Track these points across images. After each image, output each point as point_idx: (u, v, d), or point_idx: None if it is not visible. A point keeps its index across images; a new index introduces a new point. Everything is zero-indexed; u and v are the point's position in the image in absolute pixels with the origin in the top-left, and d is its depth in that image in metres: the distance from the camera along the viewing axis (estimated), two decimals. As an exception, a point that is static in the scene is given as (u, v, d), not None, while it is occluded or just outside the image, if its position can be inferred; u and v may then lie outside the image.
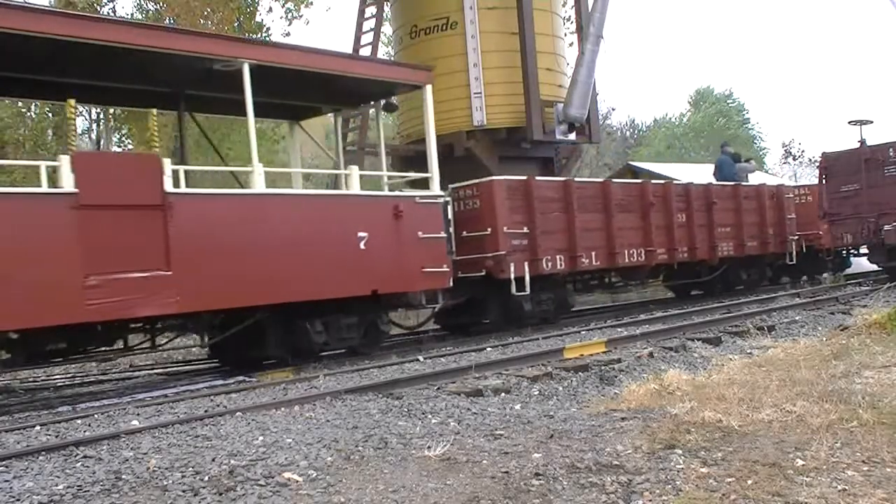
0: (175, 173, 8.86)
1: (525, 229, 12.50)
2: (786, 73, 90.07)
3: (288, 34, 21.37)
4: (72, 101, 8.54)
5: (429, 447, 4.85)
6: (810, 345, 8.62)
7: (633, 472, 4.21)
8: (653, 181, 15.89)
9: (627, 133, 52.50)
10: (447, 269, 11.04)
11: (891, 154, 17.09)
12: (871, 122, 19.23)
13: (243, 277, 8.95)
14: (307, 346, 9.89)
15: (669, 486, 3.95)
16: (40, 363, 8.82)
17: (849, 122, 19.30)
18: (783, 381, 6.28)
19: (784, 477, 4.00)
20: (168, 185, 8.53)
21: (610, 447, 4.69)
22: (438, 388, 7.03)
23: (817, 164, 19.51)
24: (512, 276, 11.97)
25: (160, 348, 9.78)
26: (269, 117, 13.40)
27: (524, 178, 12.99)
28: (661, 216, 15.06)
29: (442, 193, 11.43)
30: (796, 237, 18.14)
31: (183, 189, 9.03)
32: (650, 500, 3.80)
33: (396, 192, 11.42)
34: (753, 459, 4.29)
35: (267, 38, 18.18)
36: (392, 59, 19.15)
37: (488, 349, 9.75)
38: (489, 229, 12.15)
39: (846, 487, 3.81)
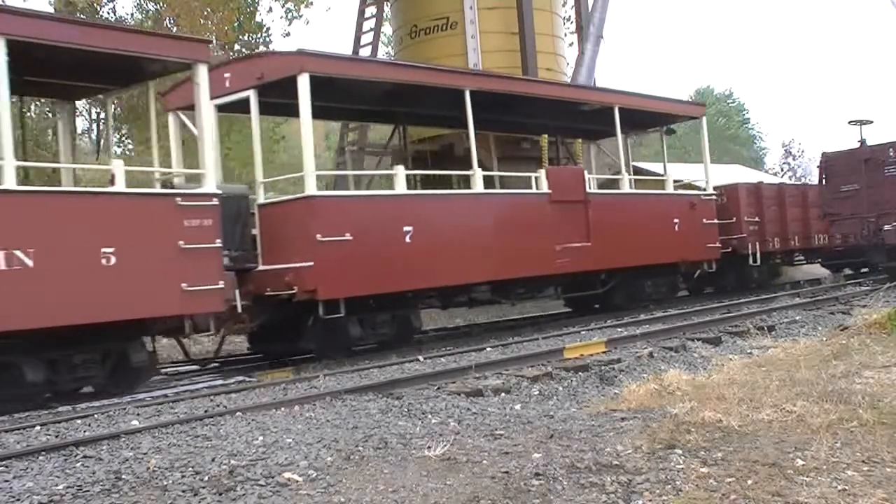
0: (589, 180, 13.43)
1: (756, 218, 17.79)
2: (786, 73, 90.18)
3: (288, 34, 21.36)
4: (545, 136, 13.69)
5: (429, 447, 4.84)
6: (810, 345, 8.61)
7: (633, 472, 4.20)
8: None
9: (627, 133, 52.23)
10: (718, 246, 15.75)
11: (891, 154, 17.06)
12: (871, 122, 19.19)
13: (619, 248, 13.44)
14: (642, 298, 14.59)
15: (669, 486, 3.95)
16: (503, 302, 13.22)
17: (849, 122, 19.33)
18: (783, 381, 6.28)
19: (784, 477, 4.00)
20: (588, 188, 13.15)
21: (610, 447, 4.69)
22: (438, 388, 7.02)
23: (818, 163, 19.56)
24: (749, 252, 17.09)
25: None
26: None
27: (756, 182, 18.87)
28: None
29: (715, 193, 16.13)
30: None
31: (594, 189, 13.55)
32: (650, 500, 3.80)
33: (692, 192, 16.03)
34: (753, 459, 4.28)
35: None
36: (392, 58, 19.28)
37: (488, 349, 9.73)
38: (734, 218, 17.28)
39: (846, 487, 3.81)
